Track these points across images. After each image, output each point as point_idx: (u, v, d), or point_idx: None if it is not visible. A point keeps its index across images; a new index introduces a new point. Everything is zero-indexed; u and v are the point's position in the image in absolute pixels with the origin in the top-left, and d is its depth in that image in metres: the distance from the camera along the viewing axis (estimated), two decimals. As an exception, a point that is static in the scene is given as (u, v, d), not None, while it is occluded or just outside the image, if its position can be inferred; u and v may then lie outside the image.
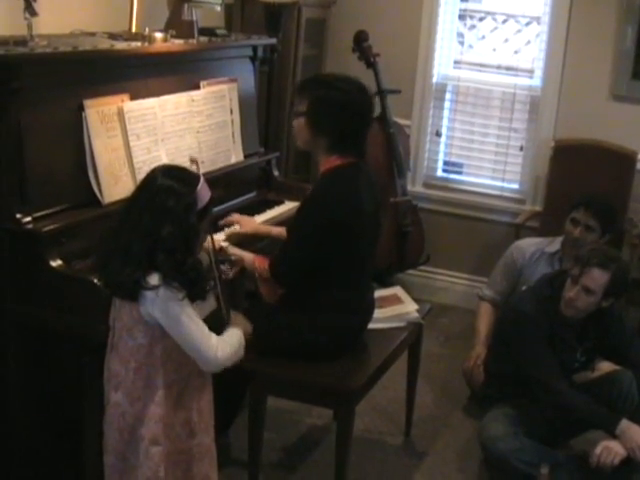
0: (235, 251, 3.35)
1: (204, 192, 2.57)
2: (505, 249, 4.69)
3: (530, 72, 5.34)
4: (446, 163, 5.69)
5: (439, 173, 5.68)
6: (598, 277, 3.59)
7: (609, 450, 3.48)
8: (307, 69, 5.17)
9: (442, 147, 5.65)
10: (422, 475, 3.78)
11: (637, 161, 4.99)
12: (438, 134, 5.59)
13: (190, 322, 2.52)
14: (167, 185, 2.50)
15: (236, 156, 4.08)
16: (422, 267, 5.56)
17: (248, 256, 3.35)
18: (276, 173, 4.40)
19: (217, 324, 2.70)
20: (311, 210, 3.25)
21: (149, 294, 2.45)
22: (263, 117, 4.48)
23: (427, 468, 3.83)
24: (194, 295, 2.52)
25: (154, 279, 2.45)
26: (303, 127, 3.26)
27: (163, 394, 2.55)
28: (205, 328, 2.57)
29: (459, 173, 5.66)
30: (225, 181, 3.90)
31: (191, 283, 2.49)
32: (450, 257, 5.62)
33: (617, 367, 3.84)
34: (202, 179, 2.58)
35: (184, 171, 2.61)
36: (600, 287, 3.60)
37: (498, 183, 5.54)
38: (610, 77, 5.10)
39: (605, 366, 3.90)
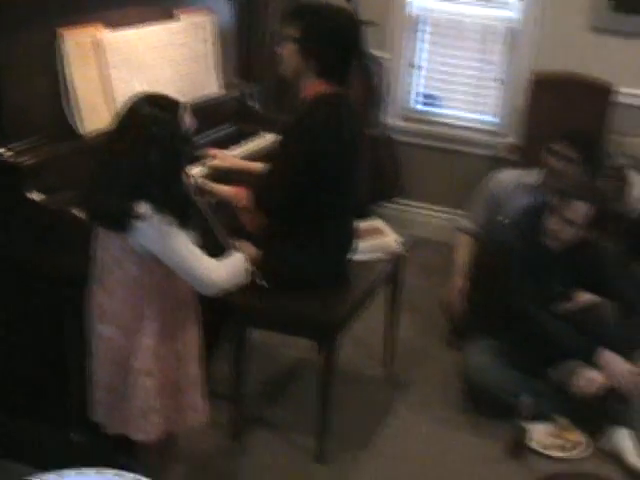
0: (212, 185, 3.33)
1: (187, 117, 2.54)
2: (483, 182, 4.67)
3: (508, 4, 5.27)
4: (423, 96, 5.62)
5: (416, 106, 5.62)
6: (579, 209, 3.61)
7: (592, 381, 3.54)
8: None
9: (419, 80, 5.58)
10: (404, 406, 3.81)
11: (613, 93, 4.96)
12: (414, 66, 5.52)
13: (183, 247, 2.49)
14: (151, 113, 2.46)
15: (214, 88, 4.02)
16: (399, 200, 5.54)
17: (225, 188, 3.33)
18: (253, 105, 4.35)
19: (216, 251, 2.69)
20: (296, 137, 3.24)
21: (139, 223, 2.41)
22: (243, 49, 4.42)
23: (409, 399, 3.86)
24: (184, 222, 2.48)
25: (143, 208, 2.41)
26: (294, 53, 3.24)
27: (152, 325, 2.53)
28: (200, 252, 2.54)
29: (437, 106, 5.61)
30: (202, 112, 3.78)
31: (181, 210, 2.46)
32: (427, 190, 5.60)
33: (597, 298, 3.86)
34: (183, 104, 2.55)
35: (165, 98, 2.56)
36: (581, 218, 3.62)
37: (476, 116, 5.50)
38: (590, 9, 5.03)
39: (585, 297, 3.91)
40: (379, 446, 3.51)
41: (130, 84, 3.40)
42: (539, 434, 3.57)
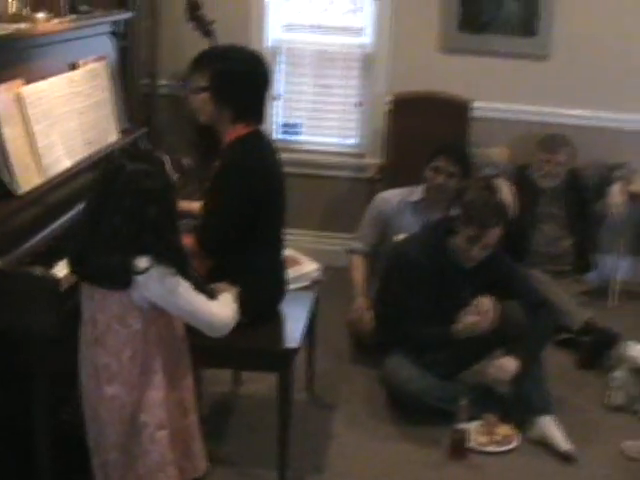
0: None
1: (171, 169, 2.59)
2: (351, 204, 4.86)
3: (361, 30, 5.52)
4: (285, 125, 5.78)
5: (278, 136, 5.75)
6: (496, 234, 3.87)
7: (500, 367, 3.83)
8: (145, 42, 5.09)
9: (280, 110, 5.73)
10: (341, 425, 3.93)
11: (470, 109, 5.30)
12: (275, 97, 5.66)
13: (189, 294, 2.54)
14: (141, 168, 2.49)
15: (113, 135, 4.01)
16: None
17: None
18: (147, 148, 4.35)
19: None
20: (226, 179, 3.30)
21: (141, 278, 2.43)
22: (128, 92, 4.41)
23: (342, 418, 3.98)
24: (183, 270, 2.52)
25: (143, 262, 2.43)
26: (207, 102, 3.31)
27: (160, 377, 2.55)
28: (203, 296, 2.60)
29: (298, 134, 5.77)
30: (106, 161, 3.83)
31: (179, 258, 2.50)
32: (298, 216, 5.67)
33: (492, 300, 4.07)
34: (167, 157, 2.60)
35: (148, 152, 2.61)
36: (497, 240, 3.89)
37: (338, 140, 5.71)
38: (438, 30, 5.37)
39: (483, 301, 4.14)
40: (332, 468, 3.61)
41: (50, 138, 3.38)
42: (472, 433, 3.78)
